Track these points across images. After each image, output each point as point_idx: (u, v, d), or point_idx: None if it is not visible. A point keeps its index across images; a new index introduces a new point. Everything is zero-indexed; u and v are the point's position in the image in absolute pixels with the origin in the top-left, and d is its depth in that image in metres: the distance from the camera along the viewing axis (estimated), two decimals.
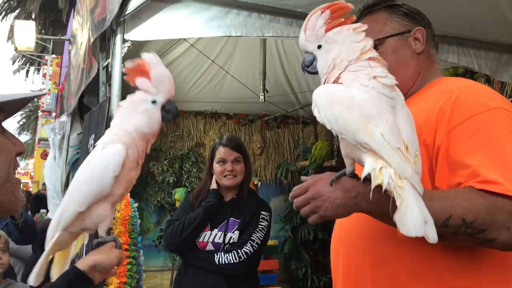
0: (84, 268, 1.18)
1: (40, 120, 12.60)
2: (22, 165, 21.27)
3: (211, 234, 2.48)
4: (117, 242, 1.27)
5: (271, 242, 4.59)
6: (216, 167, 2.58)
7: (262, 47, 4.21)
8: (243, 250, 2.41)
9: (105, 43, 2.98)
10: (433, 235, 0.91)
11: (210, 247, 2.46)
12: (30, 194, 8.16)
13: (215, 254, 2.42)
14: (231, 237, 2.47)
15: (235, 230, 2.49)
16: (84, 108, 4.05)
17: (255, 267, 2.57)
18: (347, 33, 1.10)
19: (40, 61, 15.48)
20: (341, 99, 1.05)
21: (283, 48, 4.54)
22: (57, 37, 8.85)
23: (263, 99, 4.33)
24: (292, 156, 5.59)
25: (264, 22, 2.88)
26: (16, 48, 9.80)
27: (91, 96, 3.77)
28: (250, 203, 2.56)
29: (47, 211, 5.45)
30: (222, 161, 2.56)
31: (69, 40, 6.70)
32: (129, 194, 2.41)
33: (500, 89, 3.85)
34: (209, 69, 4.60)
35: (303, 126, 5.61)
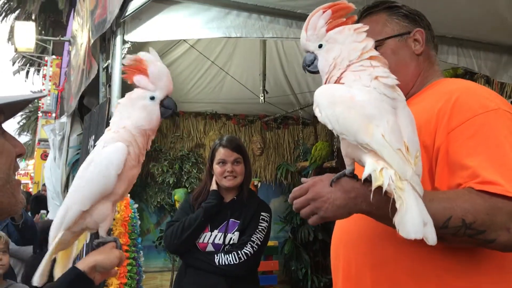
0: (85, 268, 1.18)
1: (40, 121, 12.61)
2: (22, 165, 21.26)
3: (211, 235, 2.48)
4: (117, 243, 1.27)
5: (271, 243, 4.59)
6: (216, 168, 2.58)
7: (262, 48, 4.21)
8: (243, 251, 2.41)
9: (105, 44, 2.98)
10: (432, 237, 0.91)
11: (210, 248, 2.46)
12: (30, 195, 8.14)
13: (215, 255, 2.42)
14: (231, 238, 2.47)
15: (235, 231, 2.49)
16: (84, 109, 4.05)
17: (255, 268, 2.57)
18: (348, 33, 1.10)
19: (40, 62, 15.48)
20: (342, 99, 1.05)
21: (283, 49, 4.54)
22: (57, 38, 8.86)
23: (263, 100, 4.32)
24: (292, 157, 5.58)
25: (264, 23, 2.88)
26: (16, 49, 9.82)
27: (91, 97, 3.77)
28: (250, 204, 2.57)
29: (47, 212, 5.44)
30: (222, 162, 2.57)
31: (69, 41, 6.70)
32: (129, 195, 2.41)
33: (500, 90, 3.84)
34: (209, 70, 4.60)
35: (303, 127, 5.60)
